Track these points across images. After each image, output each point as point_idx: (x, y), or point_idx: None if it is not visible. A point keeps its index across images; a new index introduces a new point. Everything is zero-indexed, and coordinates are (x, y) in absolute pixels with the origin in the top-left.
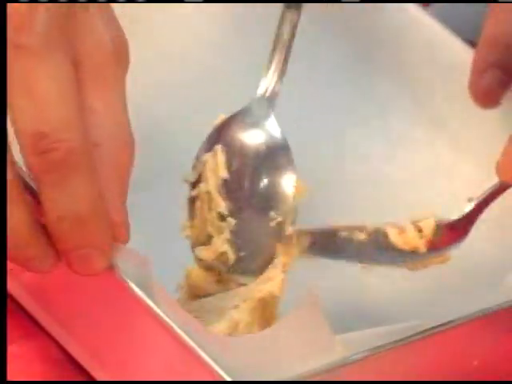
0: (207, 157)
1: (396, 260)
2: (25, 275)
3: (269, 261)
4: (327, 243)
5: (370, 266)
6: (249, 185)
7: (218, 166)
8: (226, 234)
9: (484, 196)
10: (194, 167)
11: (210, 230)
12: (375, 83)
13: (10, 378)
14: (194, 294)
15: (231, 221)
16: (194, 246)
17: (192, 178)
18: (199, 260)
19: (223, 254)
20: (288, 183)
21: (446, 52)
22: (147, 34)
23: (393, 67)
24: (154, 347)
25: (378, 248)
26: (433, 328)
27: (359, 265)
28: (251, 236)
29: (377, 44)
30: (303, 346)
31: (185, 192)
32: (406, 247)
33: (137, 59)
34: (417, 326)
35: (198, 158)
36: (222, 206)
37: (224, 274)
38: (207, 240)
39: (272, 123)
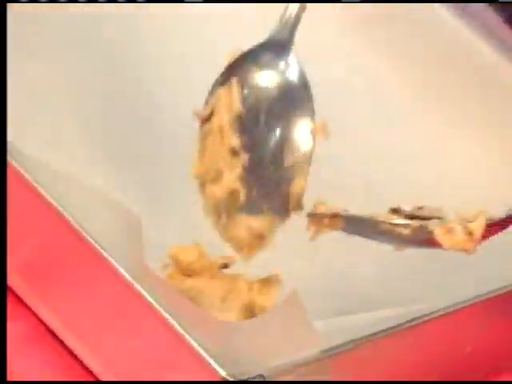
0: (221, 90)
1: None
2: (16, 257)
3: (281, 201)
4: (364, 230)
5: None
6: (265, 121)
7: (232, 99)
8: (238, 171)
9: None
10: (207, 102)
11: (221, 165)
12: (371, 58)
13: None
14: (183, 272)
15: (244, 156)
16: (202, 184)
17: (204, 113)
18: (208, 200)
19: (233, 192)
20: (306, 123)
21: (444, 28)
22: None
23: (389, 42)
24: (143, 332)
25: (419, 242)
26: (425, 315)
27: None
28: (264, 174)
29: (375, 18)
30: (287, 337)
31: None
32: (453, 248)
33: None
34: (408, 313)
35: (211, 92)
36: (235, 140)
37: (232, 215)
38: (216, 177)
39: (291, 58)
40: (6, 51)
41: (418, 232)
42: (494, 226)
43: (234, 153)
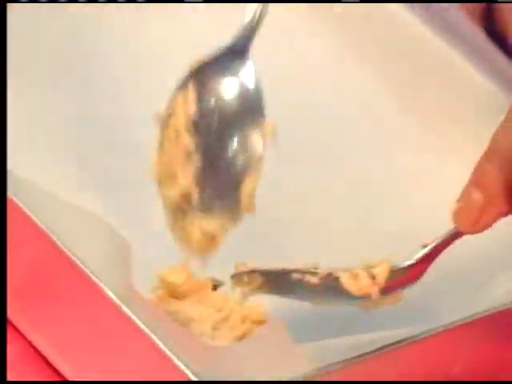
0: (179, 94)
1: (348, 302)
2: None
3: (233, 202)
4: (279, 283)
5: (322, 306)
6: (218, 123)
7: (188, 102)
8: (192, 172)
9: (438, 242)
10: (167, 106)
11: (176, 167)
12: (362, 81)
13: None
14: (171, 294)
15: (197, 158)
16: (159, 185)
17: (163, 116)
18: (165, 200)
19: (187, 193)
20: (257, 126)
21: (433, 54)
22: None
23: (381, 66)
24: (132, 354)
25: (329, 291)
26: (409, 337)
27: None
28: (216, 175)
29: (367, 42)
30: (271, 359)
31: None
32: (358, 293)
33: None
34: (396, 335)
35: (171, 98)
36: (189, 142)
37: (186, 216)
38: (172, 179)
39: (248, 64)
40: (6, 52)
41: (326, 279)
42: (403, 273)
43: (188, 155)
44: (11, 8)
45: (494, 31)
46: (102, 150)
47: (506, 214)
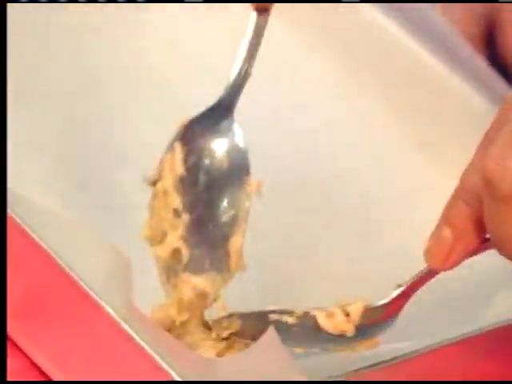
0: (167, 155)
1: (326, 343)
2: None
3: (221, 259)
4: (258, 326)
5: (303, 351)
6: (204, 181)
7: (175, 162)
8: (181, 231)
9: (412, 281)
10: (156, 167)
11: (166, 227)
12: (360, 98)
13: None
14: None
15: (186, 217)
16: (151, 245)
17: (152, 177)
18: (156, 259)
19: (176, 251)
20: (243, 182)
21: (429, 74)
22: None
23: (379, 84)
24: (131, 372)
25: (307, 332)
26: (410, 352)
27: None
28: (204, 232)
29: (365, 61)
30: (267, 372)
31: None
32: (334, 331)
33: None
34: (388, 352)
35: (160, 159)
36: (177, 201)
37: (177, 275)
38: (162, 239)
39: (232, 122)
40: (6, 52)
41: (302, 319)
42: (378, 312)
43: (177, 213)
44: (11, 8)
45: (496, 58)
46: (103, 167)
47: (476, 252)
